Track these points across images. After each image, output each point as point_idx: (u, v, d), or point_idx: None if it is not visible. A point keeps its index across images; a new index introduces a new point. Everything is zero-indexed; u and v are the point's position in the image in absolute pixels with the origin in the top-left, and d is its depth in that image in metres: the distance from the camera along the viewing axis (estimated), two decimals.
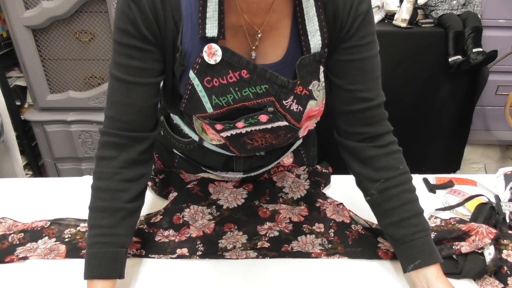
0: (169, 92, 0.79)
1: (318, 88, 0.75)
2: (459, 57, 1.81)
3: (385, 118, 0.79)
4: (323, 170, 1.04)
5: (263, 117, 0.74)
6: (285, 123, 0.76)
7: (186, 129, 0.92)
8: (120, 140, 0.72)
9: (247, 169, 0.98)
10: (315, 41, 0.71)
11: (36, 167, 2.12)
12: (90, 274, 0.70)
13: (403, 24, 1.83)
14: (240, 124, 0.75)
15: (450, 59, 1.82)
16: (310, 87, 0.74)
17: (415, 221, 0.75)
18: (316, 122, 0.86)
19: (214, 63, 0.68)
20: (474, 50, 1.78)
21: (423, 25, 1.88)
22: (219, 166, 0.97)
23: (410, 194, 0.77)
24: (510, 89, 2.10)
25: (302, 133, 0.87)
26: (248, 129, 0.77)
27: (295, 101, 0.73)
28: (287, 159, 1.03)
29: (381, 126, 0.78)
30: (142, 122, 0.74)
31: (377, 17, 1.95)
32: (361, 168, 0.80)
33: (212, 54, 0.68)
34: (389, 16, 1.95)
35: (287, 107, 0.73)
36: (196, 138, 0.91)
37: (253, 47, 0.72)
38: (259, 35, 0.71)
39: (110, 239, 0.72)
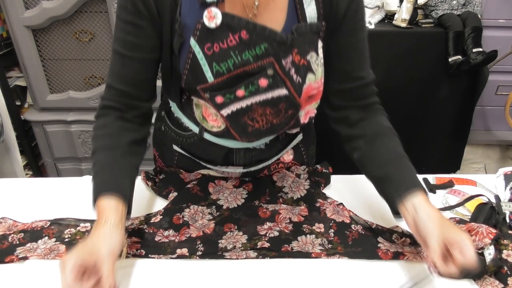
0: (168, 74, 0.81)
1: (316, 61, 0.78)
2: (459, 57, 1.81)
3: (375, 93, 0.88)
4: (323, 170, 1.04)
5: (263, 82, 0.74)
6: (285, 91, 0.76)
7: (186, 122, 0.92)
8: (115, 104, 0.80)
9: (247, 163, 0.97)
10: (310, 10, 0.75)
11: (36, 167, 2.12)
12: (96, 194, 0.73)
13: (403, 24, 1.83)
14: (240, 92, 0.75)
15: (450, 59, 1.82)
16: (308, 58, 0.76)
17: (400, 162, 0.81)
18: (316, 107, 0.87)
19: (214, 26, 0.70)
20: (474, 50, 1.78)
21: (423, 25, 1.88)
22: (219, 160, 0.97)
23: (396, 142, 0.84)
24: (510, 89, 2.10)
25: (303, 118, 0.86)
26: (249, 102, 0.77)
27: (293, 69, 0.75)
28: (287, 155, 1.02)
29: (372, 99, 0.88)
30: (135, 93, 0.80)
31: (377, 17, 1.95)
32: (350, 130, 0.87)
33: (212, 18, 0.70)
34: (389, 16, 1.95)
35: (287, 70, 0.75)
36: (196, 130, 0.92)
37: (250, 15, 0.74)
38: (256, 3, 0.73)
39: (112, 170, 0.77)
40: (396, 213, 0.79)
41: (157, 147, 1.05)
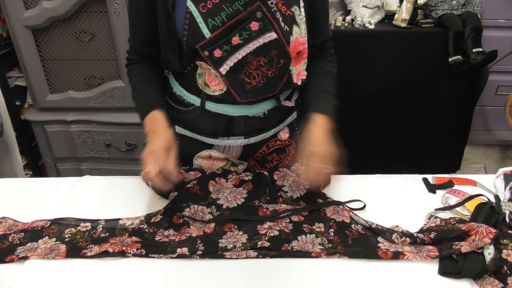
0: (167, 40, 0.90)
1: (300, 16, 0.90)
2: (459, 57, 1.81)
3: (332, 46, 1.06)
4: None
5: (254, 25, 0.85)
6: (274, 35, 0.87)
7: (187, 96, 0.99)
8: (133, 57, 1.01)
9: (247, 132, 1.00)
10: None
11: (36, 167, 2.12)
12: (143, 111, 0.94)
13: (403, 24, 1.83)
14: (235, 39, 0.85)
15: (450, 59, 1.83)
16: (292, 10, 0.88)
17: (328, 83, 1.01)
18: (306, 68, 0.99)
19: None
20: (474, 50, 1.78)
21: (423, 25, 1.88)
22: (221, 130, 0.99)
23: (323, 80, 1.01)
24: (510, 89, 2.10)
25: (295, 78, 0.97)
26: (243, 52, 0.87)
27: (280, 17, 0.87)
28: (284, 133, 1.06)
29: (330, 51, 1.06)
30: (145, 50, 0.98)
31: (377, 17, 1.95)
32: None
33: None
34: (389, 16, 1.95)
35: (273, 11, 0.85)
36: (198, 102, 0.97)
37: None
38: None
39: (150, 91, 0.98)
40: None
41: None
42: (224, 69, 0.88)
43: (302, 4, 0.91)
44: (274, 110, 1.01)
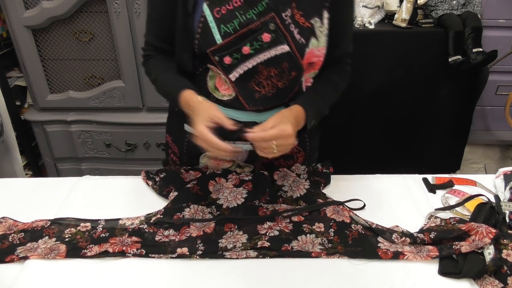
0: (182, 38, 0.89)
1: (320, 29, 0.87)
2: (459, 57, 1.81)
3: (349, 63, 1.02)
4: (324, 170, 1.04)
5: (266, 36, 0.83)
6: (287, 48, 0.84)
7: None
8: (150, 52, 0.98)
9: None
10: None
11: (36, 167, 2.12)
12: (178, 91, 0.89)
13: (403, 24, 1.83)
14: (246, 48, 0.84)
15: (450, 59, 1.82)
16: (312, 21, 0.85)
17: (326, 90, 0.97)
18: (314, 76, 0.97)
19: None
20: (474, 50, 1.77)
21: (423, 25, 1.87)
22: (228, 135, 0.98)
23: (327, 82, 0.98)
24: (510, 89, 2.10)
25: (303, 85, 0.95)
26: (254, 62, 0.85)
27: (296, 29, 0.84)
28: None
29: (345, 66, 1.02)
30: (163, 45, 0.95)
31: (377, 17, 1.95)
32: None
33: None
34: (389, 16, 1.95)
35: (287, 23, 0.83)
36: None
37: None
38: None
39: (176, 75, 0.94)
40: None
41: (171, 133, 1.11)
42: (233, 75, 0.87)
43: (326, 15, 0.88)
44: None
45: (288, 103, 0.95)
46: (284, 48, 0.84)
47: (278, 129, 0.79)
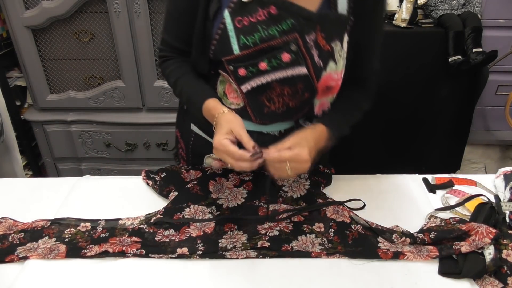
0: (200, 42, 0.87)
1: (340, 52, 0.85)
2: (459, 57, 1.81)
3: (375, 82, 0.99)
4: (325, 170, 1.04)
5: (286, 56, 0.80)
6: (305, 70, 0.82)
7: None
8: (167, 53, 0.95)
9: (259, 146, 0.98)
10: (342, 2, 0.82)
11: (36, 167, 2.12)
12: (202, 100, 0.87)
13: (403, 24, 1.83)
14: (263, 64, 0.81)
15: (450, 59, 1.82)
16: (332, 45, 0.83)
17: (348, 109, 0.95)
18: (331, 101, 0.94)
19: (247, 0, 0.78)
20: (474, 50, 1.77)
21: (423, 25, 1.87)
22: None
23: (347, 103, 0.95)
24: (510, 89, 2.09)
25: (317, 108, 0.92)
26: (269, 78, 0.82)
27: (317, 51, 0.82)
28: None
29: (371, 85, 0.98)
30: (181, 46, 0.92)
31: None
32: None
33: None
34: (389, 16, 1.95)
35: (309, 47, 0.80)
36: None
37: None
38: None
39: (199, 83, 0.92)
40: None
41: (180, 128, 1.11)
42: (245, 87, 0.85)
43: (346, 39, 0.85)
44: (290, 129, 0.95)
45: (297, 121, 0.94)
46: (302, 70, 0.82)
47: (294, 152, 0.76)
